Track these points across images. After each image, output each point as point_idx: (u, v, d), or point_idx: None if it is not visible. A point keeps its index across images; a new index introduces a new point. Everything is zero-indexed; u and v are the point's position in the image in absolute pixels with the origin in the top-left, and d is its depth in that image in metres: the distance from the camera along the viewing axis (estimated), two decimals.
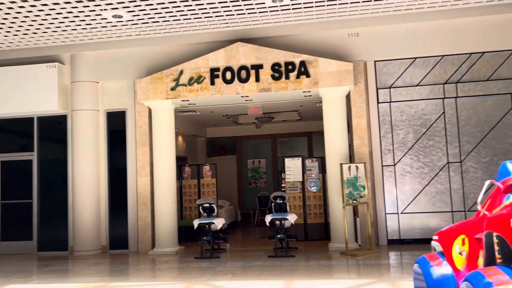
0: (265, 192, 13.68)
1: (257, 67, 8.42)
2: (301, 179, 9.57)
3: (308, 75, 8.25)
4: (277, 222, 8.02)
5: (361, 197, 7.96)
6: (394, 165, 8.52)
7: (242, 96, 8.81)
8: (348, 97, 8.65)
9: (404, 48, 8.54)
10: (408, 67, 8.60)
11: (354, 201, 7.87)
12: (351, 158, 8.65)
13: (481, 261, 2.97)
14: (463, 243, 3.35)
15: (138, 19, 8.07)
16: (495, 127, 8.30)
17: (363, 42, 8.63)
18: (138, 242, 8.99)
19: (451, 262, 3.48)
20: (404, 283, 5.57)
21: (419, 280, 3.81)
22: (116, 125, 9.42)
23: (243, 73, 8.46)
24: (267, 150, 15.43)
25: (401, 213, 8.43)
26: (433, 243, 3.91)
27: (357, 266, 6.90)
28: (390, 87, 8.61)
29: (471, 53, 8.43)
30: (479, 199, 3.32)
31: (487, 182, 3.35)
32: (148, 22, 8.23)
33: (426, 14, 8.33)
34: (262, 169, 15.42)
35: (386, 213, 8.46)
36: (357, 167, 8.00)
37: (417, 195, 8.40)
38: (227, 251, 8.63)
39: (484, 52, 8.39)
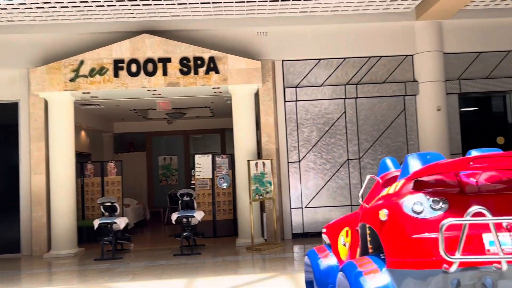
0: (177, 189, 13.38)
1: (165, 61, 8.19)
2: (211, 176, 9.52)
3: (217, 71, 8.21)
4: (184, 220, 7.90)
5: (267, 192, 8.12)
6: (299, 161, 8.82)
7: (149, 90, 8.52)
8: (257, 95, 8.76)
9: (310, 49, 8.85)
10: (313, 67, 8.95)
11: (261, 197, 8.01)
12: (260, 155, 8.79)
13: (358, 251, 3.15)
14: (347, 235, 3.53)
15: (32, 3, 7.41)
16: (390, 127, 8.96)
17: (272, 42, 8.79)
18: (32, 245, 8.30)
19: (337, 254, 3.66)
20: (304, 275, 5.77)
21: (308, 272, 3.95)
22: (6, 118, 8.58)
23: (150, 66, 8.18)
24: (179, 146, 15.13)
25: (305, 207, 8.76)
26: (323, 236, 4.08)
27: (262, 260, 7.03)
28: (296, 87, 8.88)
29: (370, 57, 8.99)
30: (360, 193, 3.52)
31: (368, 177, 3.56)
32: (43, 7, 7.59)
33: (330, 18, 8.73)
34: (174, 166, 15.10)
35: (291, 208, 8.74)
36: (264, 163, 8.14)
37: (320, 190, 8.79)
38: (131, 251, 8.31)
39: (381, 56, 9.00)
